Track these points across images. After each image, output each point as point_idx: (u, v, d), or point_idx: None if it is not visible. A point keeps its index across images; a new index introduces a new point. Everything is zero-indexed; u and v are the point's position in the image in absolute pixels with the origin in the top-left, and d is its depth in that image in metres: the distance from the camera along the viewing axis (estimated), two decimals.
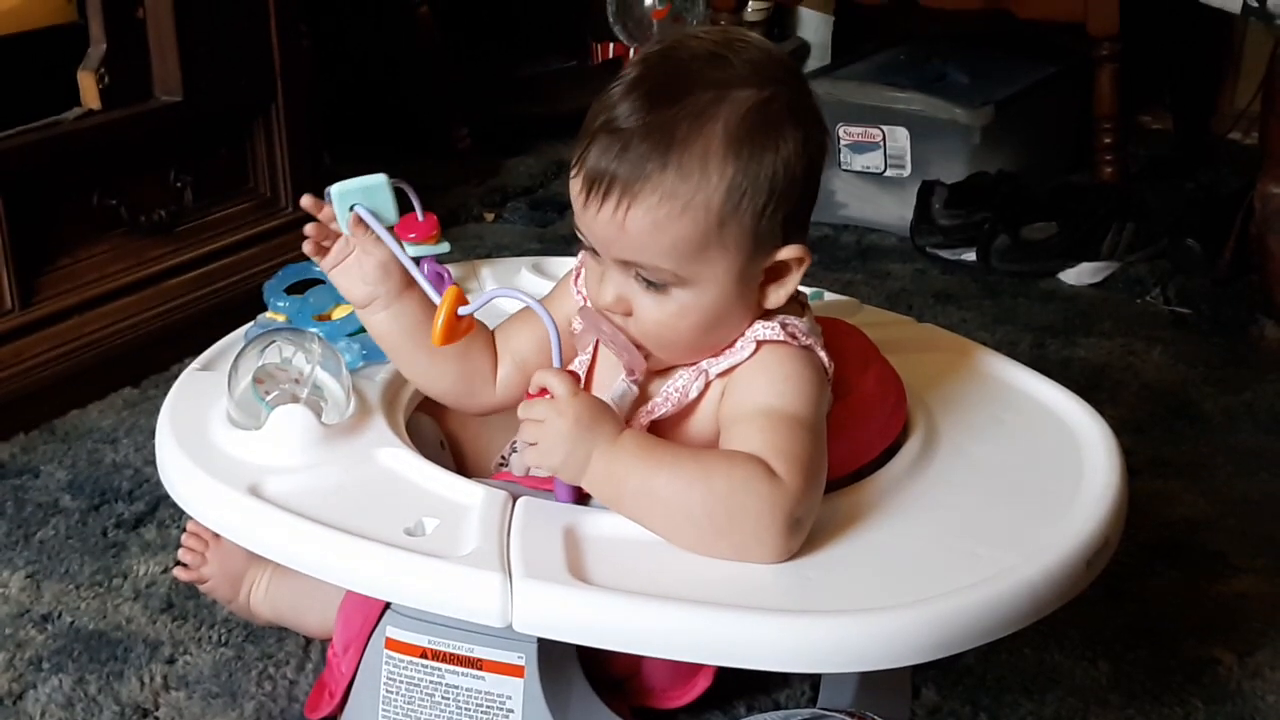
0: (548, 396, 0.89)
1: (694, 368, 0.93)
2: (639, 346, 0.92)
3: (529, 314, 0.99)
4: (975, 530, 0.90)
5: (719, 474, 0.85)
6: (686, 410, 0.93)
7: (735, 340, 0.93)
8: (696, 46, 0.91)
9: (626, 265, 0.90)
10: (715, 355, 0.93)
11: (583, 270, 1.00)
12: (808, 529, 0.87)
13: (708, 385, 0.93)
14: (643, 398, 0.94)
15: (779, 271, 0.92)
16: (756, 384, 0.91)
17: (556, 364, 0.91)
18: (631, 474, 0.86)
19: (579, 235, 0.92)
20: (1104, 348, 1.76)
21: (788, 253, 0.91)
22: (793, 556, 0.86)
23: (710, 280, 0.89)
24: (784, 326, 0.92)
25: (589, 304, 0.96)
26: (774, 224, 0.89)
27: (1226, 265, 1.88)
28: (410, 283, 0.99)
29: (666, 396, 0.93)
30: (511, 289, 0.95)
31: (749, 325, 0.93)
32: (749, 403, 0.90)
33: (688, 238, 0.87)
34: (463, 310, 0.92)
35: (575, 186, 0.90)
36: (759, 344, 0.92)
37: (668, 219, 0.86)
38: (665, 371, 0.95)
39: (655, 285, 0.90)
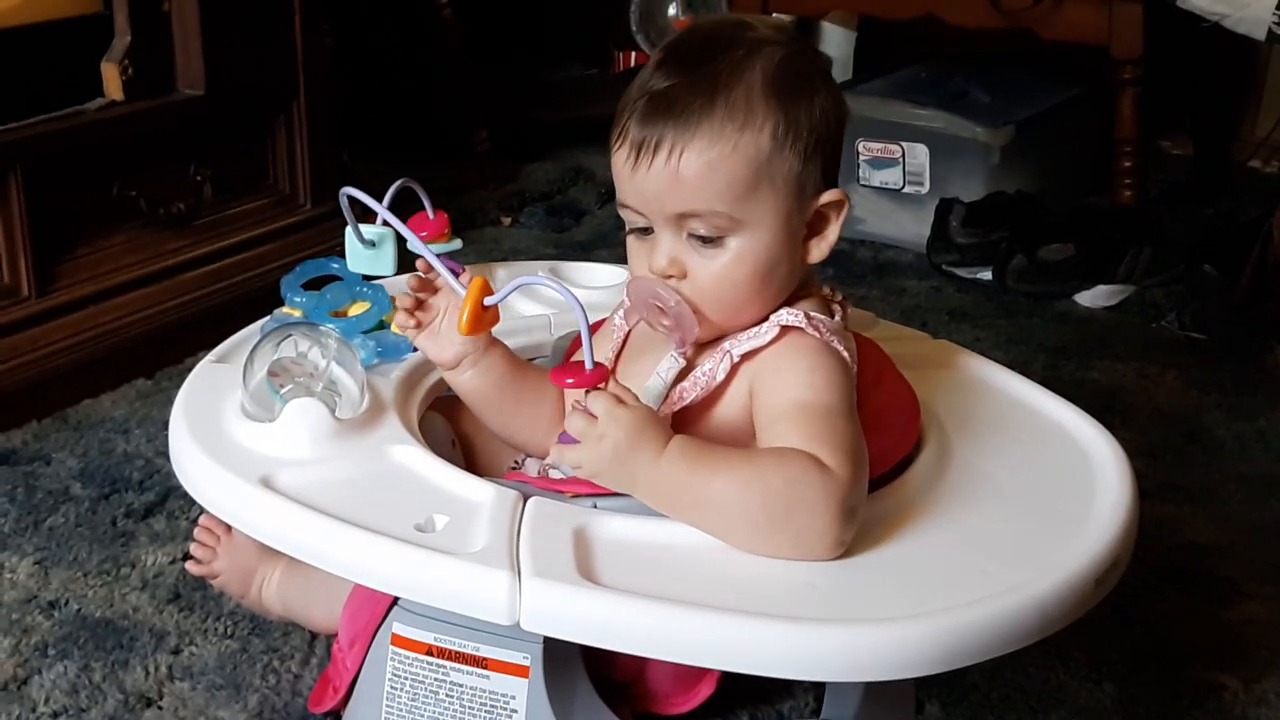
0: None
1: (717, 350, 0.95)
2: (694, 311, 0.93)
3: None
4: (985, 546, 0.90)
5: (773, 471, 0.85)
6: (713, 396, 0.95)
7: (759, 321, 0.94)
8: (716, 22, 0.98)
9: (680, 222, 0.92)
10: (736, 336, 0.94)
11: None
12: (861, 516, 0.87)
13: (733, 369, 0.94)
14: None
15: (819, 225, 0.96)
16: (784, 378, 0.92)
17: (587, 349, 0.91)
18: (687, 484, 0.87)
19: (625, 213, 0.95)
20: (1118, 371, 1.75)
21: (829, 196, 0.95)
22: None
23: (761, 222, 0.92)
24: (808, 318, 0.94)
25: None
26: (814, 169, 0.93)
27: (1245, 292, 1.87)
28: (494, 340, 1.02)
29: (695, 381, 0.95)
30: (534, 276, 0.95)
31: (789, 294, 0.96)
32: (782, 400, 0.91)
33: (741, 176, 0.91)
34: (488, 300, 0.94)
35: (620, 157, 0.93)
36: (782, 329, 0.94)
37: (720, 159, 0.90)
38: (690, 361, 0.96)
39: (709, 240, 0.92)
